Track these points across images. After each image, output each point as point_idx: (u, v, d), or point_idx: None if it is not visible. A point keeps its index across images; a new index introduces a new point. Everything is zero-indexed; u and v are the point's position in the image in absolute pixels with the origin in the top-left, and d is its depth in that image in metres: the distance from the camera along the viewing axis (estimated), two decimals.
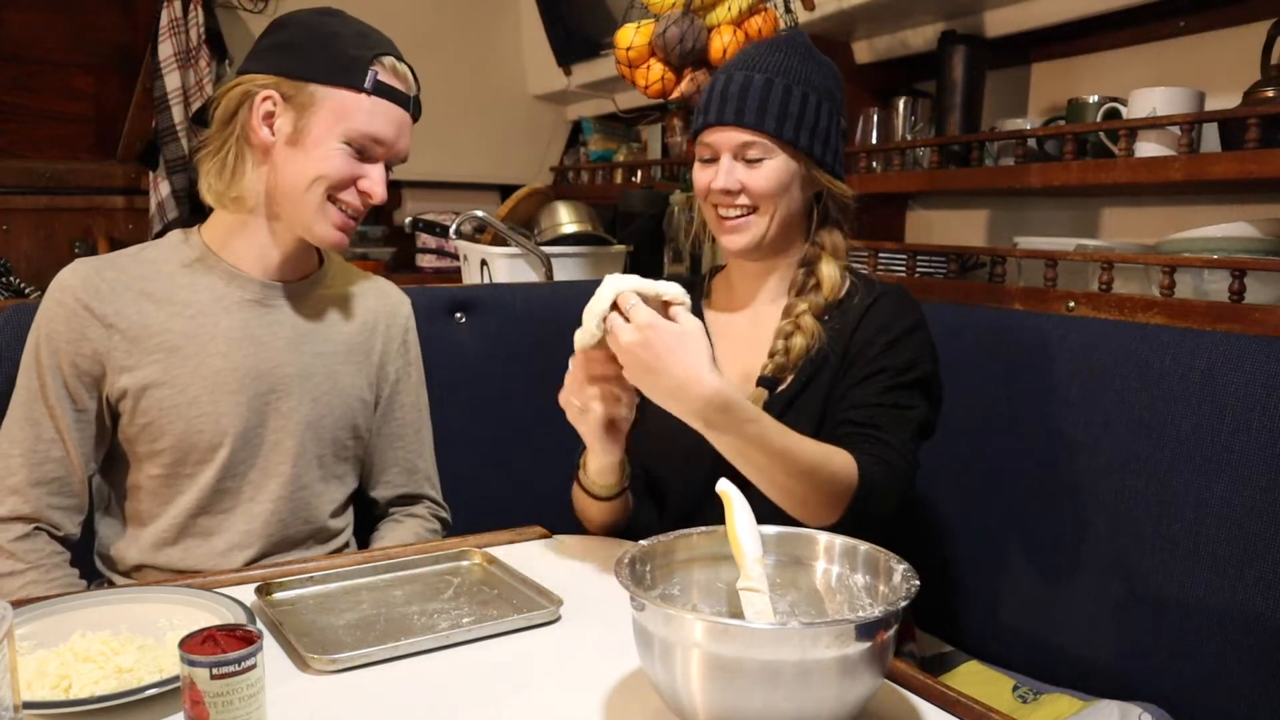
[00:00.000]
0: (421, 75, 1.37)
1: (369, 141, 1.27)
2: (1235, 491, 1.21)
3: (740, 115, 1.24)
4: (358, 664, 0.92)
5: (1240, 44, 1.60)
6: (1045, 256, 1.64)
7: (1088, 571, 1.37)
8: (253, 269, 1.32)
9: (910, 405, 1.24)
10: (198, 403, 1.26)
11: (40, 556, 1.23)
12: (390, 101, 1.28)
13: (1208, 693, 1.22)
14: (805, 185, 1.29)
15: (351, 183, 1.28)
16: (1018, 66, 2.05)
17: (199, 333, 1.28)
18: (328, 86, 1.25)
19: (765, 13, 1.70)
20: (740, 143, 1.25)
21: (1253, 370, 1.21)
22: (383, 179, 1.30)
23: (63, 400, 1.25)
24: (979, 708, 0.85)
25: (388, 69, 1.29)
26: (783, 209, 1.27)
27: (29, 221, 2.64)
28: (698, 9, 1.67)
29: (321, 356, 1.35)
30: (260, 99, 1.25)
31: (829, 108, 1.27)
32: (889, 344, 1.25)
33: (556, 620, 1.03)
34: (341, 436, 1.38)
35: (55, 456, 1.25)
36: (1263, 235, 1.46)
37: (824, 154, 1.27)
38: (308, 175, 1.26)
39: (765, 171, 1.25)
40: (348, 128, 1.25)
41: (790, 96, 1.24)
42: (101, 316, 1.25)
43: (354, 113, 1.25)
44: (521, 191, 2.45)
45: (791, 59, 1.27)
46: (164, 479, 1.28)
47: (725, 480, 0.90)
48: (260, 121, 1.26)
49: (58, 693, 0.83)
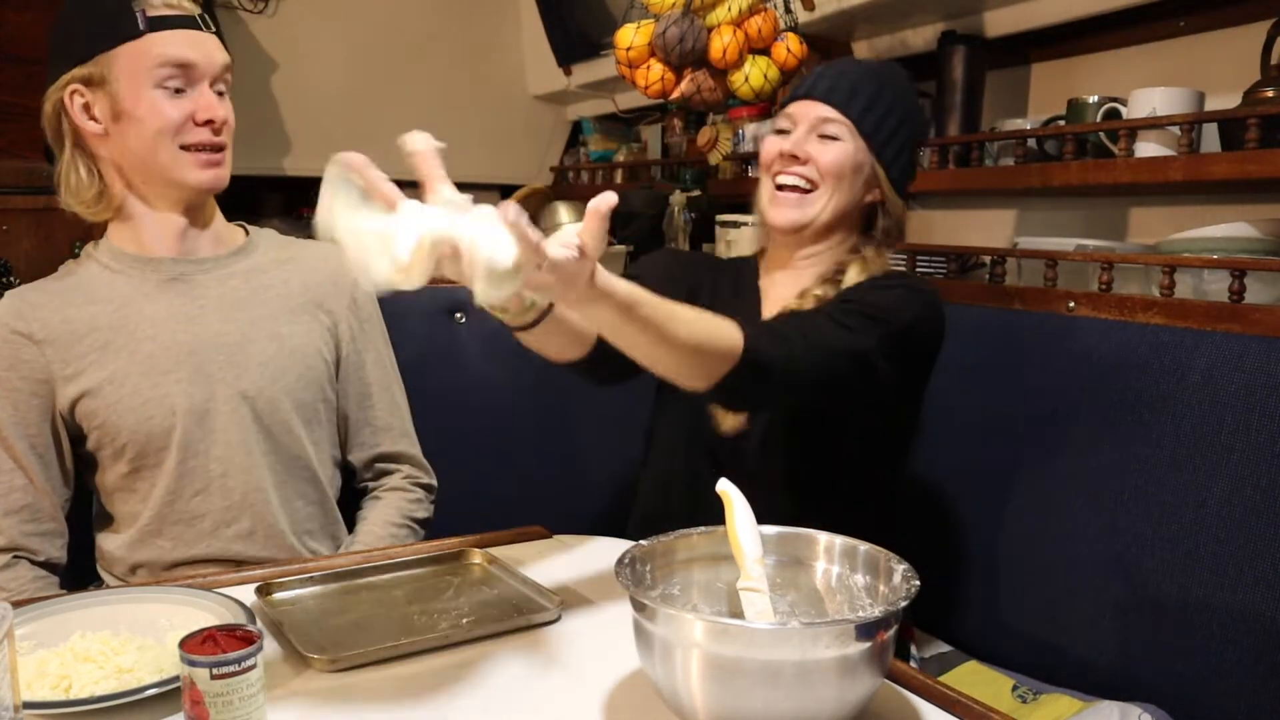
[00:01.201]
0: (422, 75, 1.37)
1: (175, 71, 1.25)
2: (1235, 491, 1.21)
3: (830, 93, 1.28)
4: (358, 664, 0.92)
5: (1240, 44, 1.60)
6: (1045, 256, 1.64)
7: (1088, 571, 1.37)
8: (158, 250, 1.32)
9: (853, 329, 1.15)
10: (140, 390, 1.26)
11: (22, 584, 1.24)
12: (171, 29, 1.26)
13: (1208, 693, 1.22)
14: (866, 184, 1.31)
15: (188, 120, 1.26)
16: (1018, 66, 2.05)
17: (125, 323, 1.28)
18: (111, 50, 1.24)
19: (765, 13, 1.70)
20: (821, 117, 1.28)
21: (1253, 370, 1.21)
22: (217, 101, 1.28)
23: (15, 430, 1.25)
24: (979, 708, 0.85)
25: (157, 5, 1.26)
26: (839, 196, 1.29)
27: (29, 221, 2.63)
28: (698, 9, 1.67)
29: (259, 321, 1.34)
30: (69, 96, 1.26)
31: (909, 130, 1.31)
32: (874, 286, 1.25)
33: (557, 620, 1.03)
34: (308, 398, 1.36)
35: (19, 485, 1.26)
36: (1263, 235, 1.46)
37: (892, 163, 1.30)
38: (146, 135, 1.25)
39: (835, 150, 1.28)
40: (149, 72, 1.24)
41: (880, 98, 1.28)
42: (28, 335, 1.26)
43: (144, 59, 1.24)
44: (521, 191, 2.45)
45: (896, 79, 1.33)
46: (133, 474, 1.28)
47: (725, 480, 0.90)
48: (83, 118, 1.26)
49: (58, 693, 0.83)
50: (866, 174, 1.30)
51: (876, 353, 1.16)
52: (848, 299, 1.23)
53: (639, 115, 3.04)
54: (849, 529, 0.92)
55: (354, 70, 2.88)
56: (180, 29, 1.26)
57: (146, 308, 1.29)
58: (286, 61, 2.77)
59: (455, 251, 0.80)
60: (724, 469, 0.95)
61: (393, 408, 1.47)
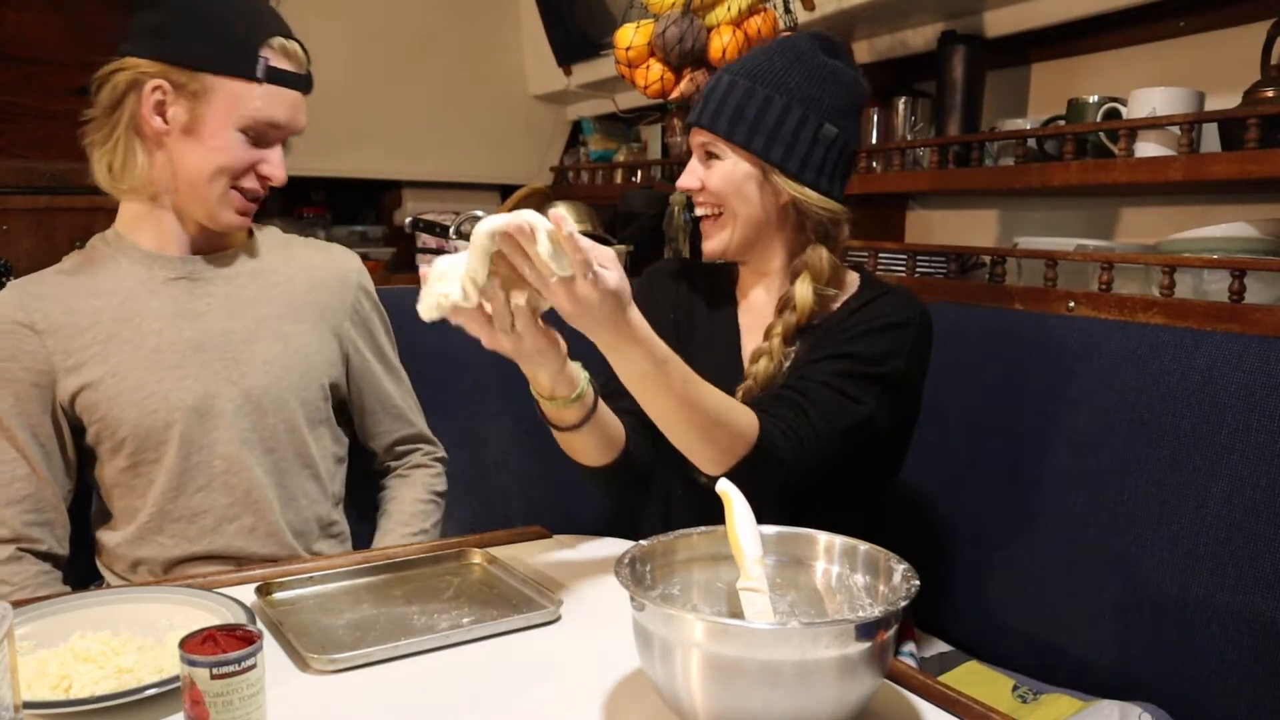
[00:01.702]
0: (422, 75, 1.38)
1: (266, 128, 1.27)
2: (1235, 491, 1.21)
3: (702, 115, 1.26)
4: (358, 664, 0.92)
5: (1240, 44, 1.60)
6: (1045, 256, 1.64)
7: (1088, 571, 1.37)
8: (170, 249, 1.33)
9: (857, 399, 1.18)
10: (144, 384, 1.26)
11: (26, 578, 1.24)
12: (283, 86, 1.26)
13: (1208, 693, 1.22)
14: (766, 191, 1.26)
15: (251, 168, 1.28)
16: (1018, 66, 2.05)
17: (130, 317, 1.28)
18: (219, 76, 1.23)
19: (765, 13, 1.70)
20: (701, 143, 1.27)
21: (1253, 370, 1.21)
22: (282, 161, 1.31)
23: (17, 420, 1.25)
24: (979, 708, 0.85)
25: (278, 51, 1.26)
26: (743, 212, 1.26)
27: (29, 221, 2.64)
28: (697, 9, 1.67)
29: (266, 320, 1.34)
30: (150, 89, 1.23)
31: (802, 113, 1.22)
32: (866, 331, 1.23)
33: (556, 620, 1.03)
34: (310, 397, 1.37)
35: (21, 475, 1.25)
36: (1263, 235, 1.46)
37: (786, 159, 1.23)
38: (208, 167, 1.25)
39: (717, 170, 1.26)
40: (242, 116, 1.24)
41: (751, 99, 1.22)
42: (30, 325, 1.26)
43: (248, 101, 1.24)
44: (521, 191, 2.45)
45: (773, 62, 1.24)
46: (133, 469, 1.28)
47: (725, 480, 0.90)
48: (151, 111, 1.24)
49: (58, 693, 0.83)
50: (758, 180, 1.25)
51: (877, 411, 1.20)
52: (845, 354, 1.21)
53: (639, 115, 3.04)
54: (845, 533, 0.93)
55: (354, 70, 2.88)
56: (291, 88, 1.28)
57: (153, 303, 1.30)
58: None
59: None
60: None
61: (404, 393, 1.51)
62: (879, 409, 1.20)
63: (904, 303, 1.27)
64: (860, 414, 1.18)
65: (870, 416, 1.19)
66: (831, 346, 1.22)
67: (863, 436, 1.20)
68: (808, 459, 1.14)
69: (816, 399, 1.17)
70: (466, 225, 2.32)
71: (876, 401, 1.20)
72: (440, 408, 1.55)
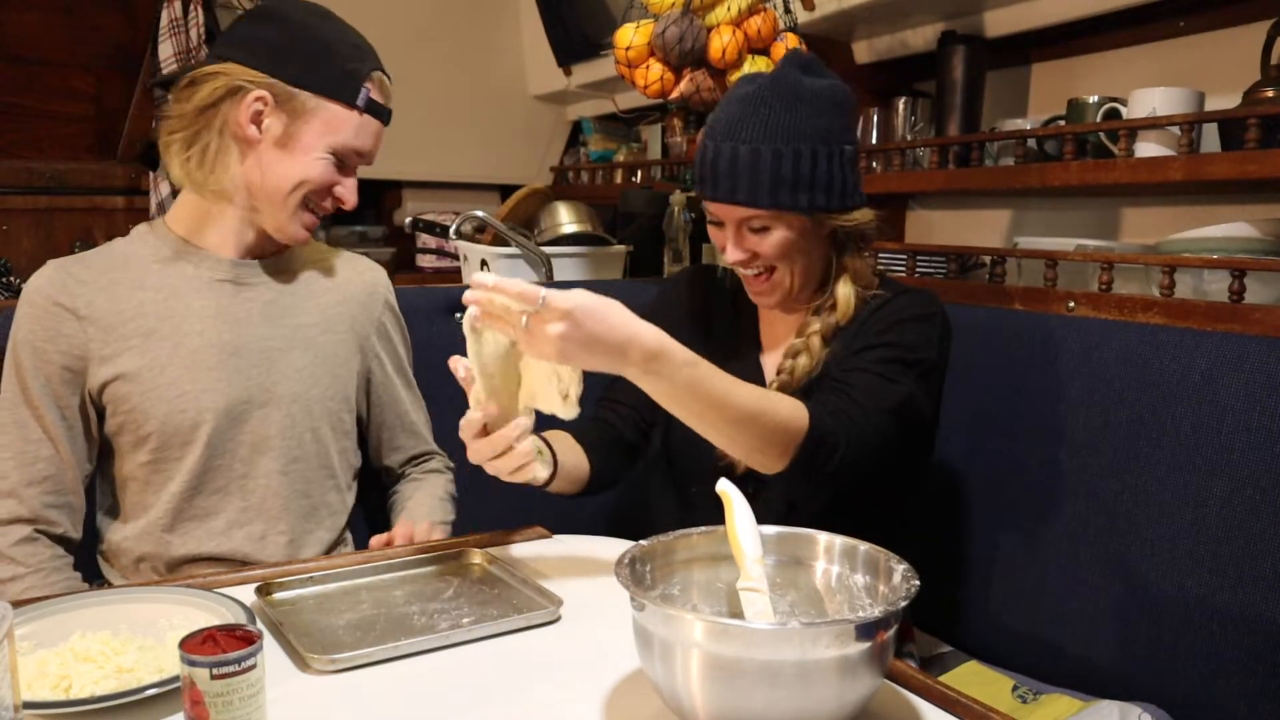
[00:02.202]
0: (421, 75, 1.39)
1: (352, 154, 1.32)
2: (1235, 491, 1.21)
3: (733, 193, 1.22)
4: (358, 664, 0.92)
5: (1240, 44, 1.60)
6: (1045, 256, 1.64)
7: (1088, 571, 1.37)
8: (224, 250, 1.34)
9: (896, 380, 1.21)
10: (178, 382, 1.27)
11: (40, 560, 1.24)
12: (376, 118, 1.33)
13: (1208, 693, 1.22)
14: (815, 231, 1.28)
15: (329, 189, 1.32)
16: (1018, 66, 2.05)
17: (172, 314, 1.29)
18: (322, 98, 1.28)
19: (765, 13, 1.70)
20: (740, 218, 1.25)
21: (1253, 370, 1.21)
22: (355, 188, 1.35)
23: (46, 400, 1.25)
24: (979, 708, 0.85)
25: (377, 85, 1.33)
26: (800, 262, 1.28)
27: (29, 221, 2.64)
28: (697, 9, 1.67)
29: (301, 328, 1.37)
30: (252, 97, 1.26)
31: (827, 151, 1.23)
32: (897, 323, 1.26)
33: (557, 620, 1.03)
34: (334, 408, 1.39)
35: (45, 455, 1.26)
36: (1263, 235, 1.46)
37: (829, 200, 1.24)
38: (291, 179, 1.29)
39: (773, 240, 1.25)
40: (335, 140, 1.29)
41: (782, 162, 1.21)
42: (73, 310, 1.26)
43: (344, 127, 1.29)
44: (521, 192, 2.45)
45: (777, 114, 1.21)
46: (152, 465, 1.28)
47: (725, 480, 0.90)
48: (248, 119, 1.26)
49: (58, 693, 0.83)
50: (812, 230, 1.27)
51: (917, 395, 1.23)
52: (880, 344, 1.24)
53: (639, 115, 3.04)
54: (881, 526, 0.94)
55: None
56: (380, 120, 1.34)
57: (196, 302, 1.31)
58: None
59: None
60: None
61: (419, 409, 1.54)
62: (919, 393, 1.23)
63: (928, 299, 1.31)
64: (902, 393, 1.21)
65: (911, 395, 1.22)
66: (866, 339, 1.25)
67: (909, 416, 1.22)
68: (862, 436, 1.15)
69: (858, 383, 1.20)
70: (466, 225, 2.32)
71: (915, 384, 1.23)
72: (440, 405, 1.55)
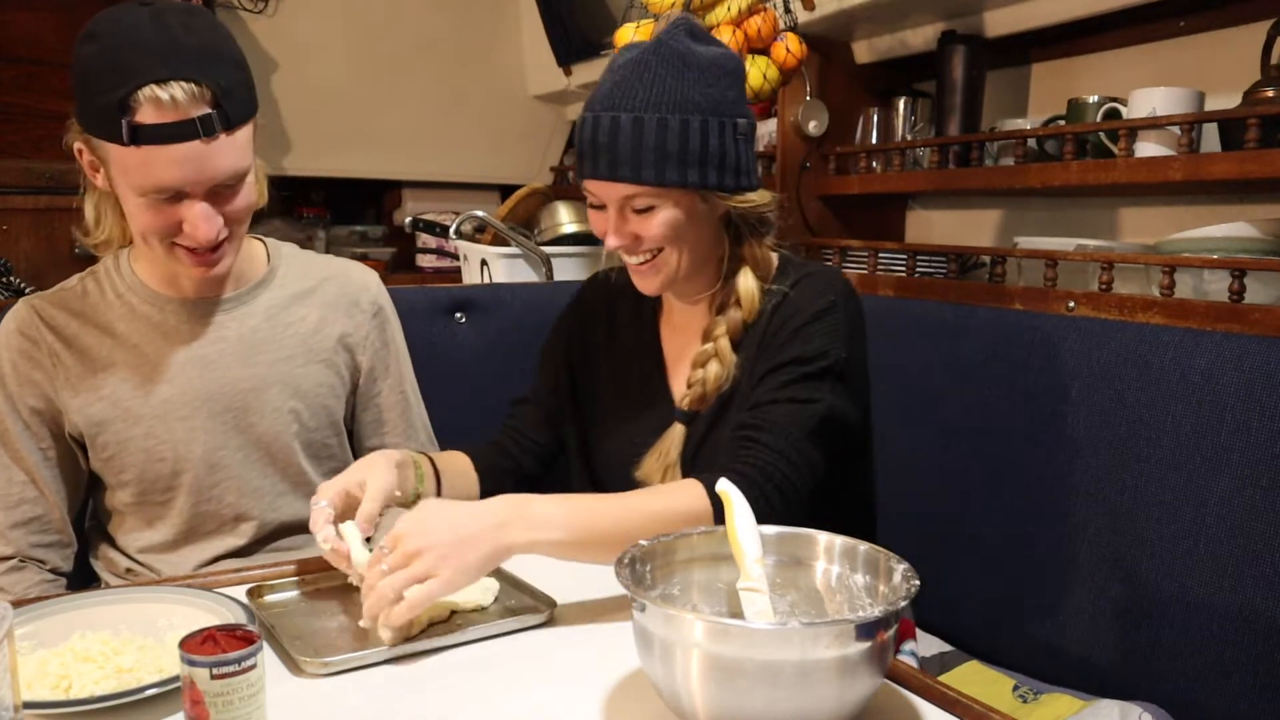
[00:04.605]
0: (421, 75, 1.34)
1: (160, 191, 1.10)
2: (1235, 491, 1.21)
3: (614, 168, 1.12)
4: (350, 667, 0.91)
5: (1240, 44, 1.60)
6: (1045, 256, 1.64)
7: (1088, 571, 1.37)
8: (183, 288, 1.27)
9: (810, 399, 1.13)
10: (153, 433, 1.24)
11: (28, 586, 1.23)
12: (162, 144, 1.07)
13: (1208, 693, 1.22)
14: (706, 213, 1.18)
15: (177, 228, 1.14)
16: (1018, 66, 2.05)
17: (142, 362, 1.25)
18: (101, 140, 1.10)
19: (765, 13, 1.70)
20: (623, 195, 1.14)
21: (1253, 370, 1.21)
22: (207, 215, 1.12)
23: (27, 442, 1.24)
24: (979, 708, 0.85)
25: (148, 104, 1.06)
26: (688, 244, 1.18)
27: (29, 221, 2.63)
28: (697, 9, 1.67)
29: (277, 364, 1.30)
30: (76, 150, 1.16)
31: (718, 122, 1.12)
32: (796, 330, 1.16)
33: (548, 622, 1.02)
34: (318, 438, 1.35)
35: (30, 497, 1.24)
36: (1263, 235, 1.46)
37: (721, 177, 1.14)
38: (136, 227, 1.17)
39: (657, 220, 1.15)
40: (132, 183, 1.10)
41: (668, 132, 1.10)
42: (44, 357, 1.24)
43: (130, 168, 1.09)
44: (521, 191, 2.45)
45: (662, 79, 1.11)
46: (138, 505, 1.28)
47: (725, 480, 0.90)
48: (90, 171, 1.17)
49: (58, 693, 0.83)
50: (701, 209, 1.17)
51: (837, 402, 1.15)
52: (784, 362, 1.15)
53: None
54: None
55: (354, 70, 2.88)
56: (171, 143, 1.07)
57: (165, 348, 1.25)
58: (286, 61, 2.77)
59: None
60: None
61: (410, 432, 1.45)
62: (836, 399, 1.15)
63: (824, 285, 1.20)
64: (819, 410, 1.13)
65: (830, 406, 1.14)
66: (768, 359, 1.17)
67: (833, 427, 1.15)
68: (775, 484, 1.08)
69: (767, 420, 1.12)
70: (466, 225, 2.32)
71: (831, 393, 1.15)
72: (434, 404, 1.54)
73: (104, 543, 1.33)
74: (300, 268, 1.38)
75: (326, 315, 1.36)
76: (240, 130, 1.13)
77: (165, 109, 1.06)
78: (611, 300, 1.37)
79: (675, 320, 1.32)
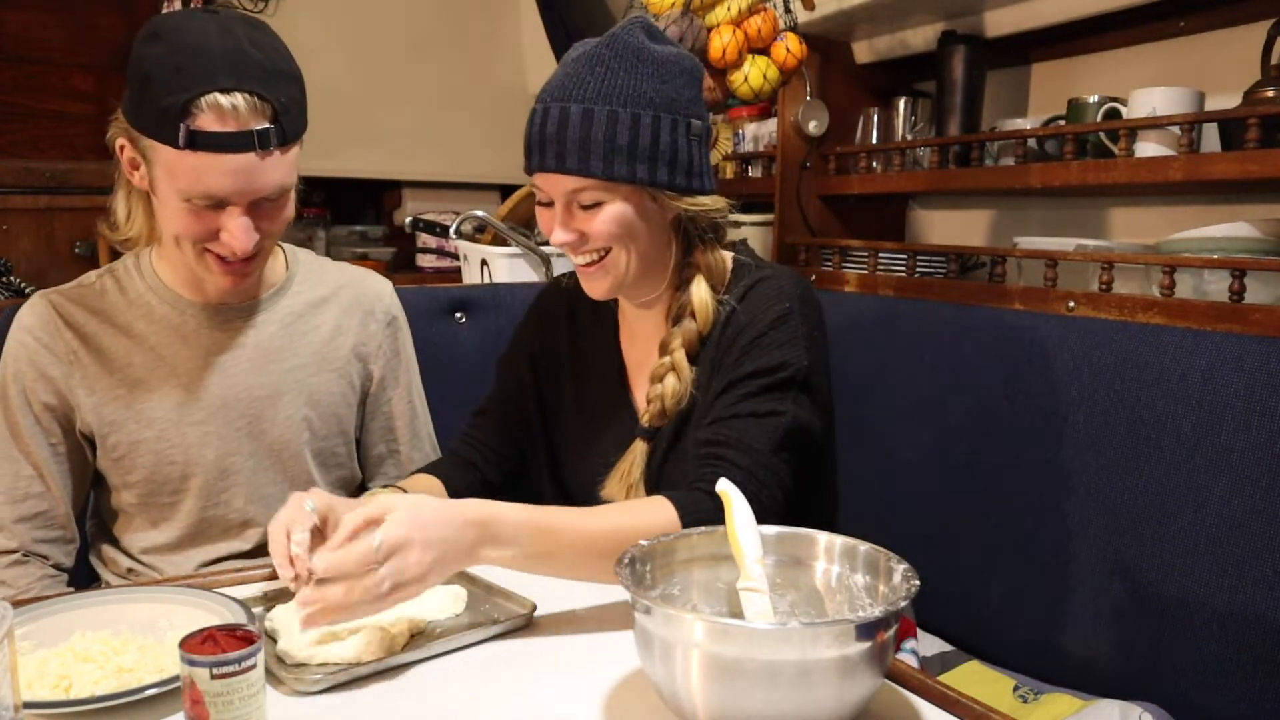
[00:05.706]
0: (422, 75, 1.34)
1: (206, 199, 1.11)
2: (1235, 491, 1.21)
3: (561, 160, 1.09)
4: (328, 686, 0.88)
5: (1240, 44, 1.60)
6: (1045, 256, 1.64)
7: (1088, 571, 1.37)
8: (205, 294, 1.27)
9: (773, 411, 1.11)
10: (165, 436, 1.24)
11: (31, 580, 1.23)
12: (218, 152, 1.08)
13: (1208, 693, 1.22)
14: (656, 214, 1.15)
15: (214, 235, 1.15)
16: (1018, 66, 2.05)
17: (159, 365, 1.25)
18: (154, 141, 1.10)
19: (765, 13, 1.70)
20: (569, 190, 1.12)
21: (1253, 370, 1.21)
22: (246, 227, 1.13)
23: (36, 437, 1.24)
24: (979, 708, 0.85)
25: (210, 111, 1.07)
26: (637, 245, 1.15)
27: (29, 221, 2.64)
28: (697, 9, 1.67)
29: (292, 371, 1.31)
30: (118, 145, 1.16)
31: (670, 120, 1.10)
32: (753, 341, 1.14)
33: (528, 625, 1.01)
34: (328, 446, 1.35)
35: (36, 492, 1.24)
36: (1263, 235, 1.46)
37: (671, 176, 1.12)
38: (169, 231, 1.17)
39: (604, 216, 1.12)
40: (180, 186, 1.10)
41: (617, 125, 1.08)
42: (59, 354, 1.23)
43: (180, 172, 1.09)
44: (521, 191, 2.44)
45: (615, 73, 1.09)
46: (143, 506, 1.27)
47: (725, 480, 0.90)
48: (129, 167, 1.17)
49: (58, 693, 0.83)
50: (649, 208, 1.14)
51: (800, 413, 1.12)
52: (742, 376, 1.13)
53: None
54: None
55: (354, 70, 2.88)
56: (227, 153, 1.08)
57: (183, 352, 1.25)
58: None
59: None
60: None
61: (416, 441, 1.45)
62: (799, 410, 1.12)
63: (779, 290, 1.17)
64: (783, 423, 1.10)
65: (794, 418, 1.11)
66: (726, 374, 1.14)
67: (798, 439, 1.12)
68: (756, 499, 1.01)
69: (730, 437, 1.10)
70: (466, 225, 2.32)
71: (795, 404, 1.12)
72: (434, 404, 1.54)
73: (105, 542, 1.33)
74: (316, 275, 1.38)
75: (341, 324, 1.36)
76: (292, 148, 1.15)
77: (226, 118, 1.08)
78: (571, 306, 1.35)
79: (633, 327, 1.30)
